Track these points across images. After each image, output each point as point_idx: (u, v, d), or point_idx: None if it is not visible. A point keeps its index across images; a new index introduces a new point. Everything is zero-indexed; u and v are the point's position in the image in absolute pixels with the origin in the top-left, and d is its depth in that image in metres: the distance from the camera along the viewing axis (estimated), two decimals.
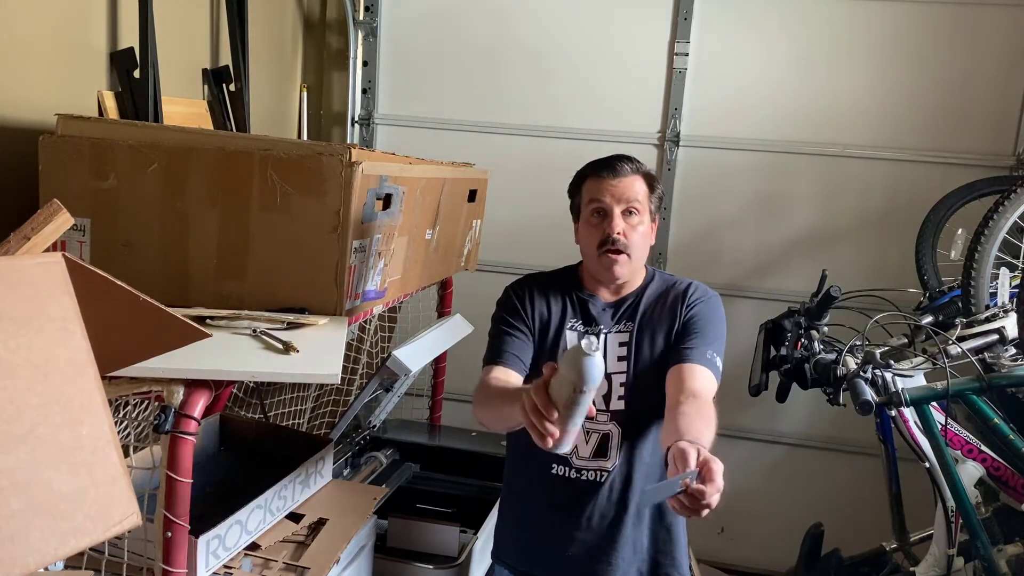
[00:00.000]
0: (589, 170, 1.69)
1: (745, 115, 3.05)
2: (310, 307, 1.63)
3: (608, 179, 1.63)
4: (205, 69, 2.57)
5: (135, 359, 1.12)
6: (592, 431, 1.63)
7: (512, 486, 1.78)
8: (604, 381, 1.56)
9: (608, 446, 1.63)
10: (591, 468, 1.64)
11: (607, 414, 1.63)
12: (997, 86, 2.90)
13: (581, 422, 1.21)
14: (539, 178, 3.13)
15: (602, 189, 1.63)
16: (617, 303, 1.69)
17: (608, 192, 1.63)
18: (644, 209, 1.64)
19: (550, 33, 3.15)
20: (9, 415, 0.80)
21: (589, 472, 1.64)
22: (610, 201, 1.62)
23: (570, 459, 1.64)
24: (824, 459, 3.18)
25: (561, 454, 1.38)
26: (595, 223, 1.64)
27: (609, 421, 1.63)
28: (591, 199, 1.65)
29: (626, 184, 1.63)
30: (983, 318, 2.08)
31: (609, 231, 1.61)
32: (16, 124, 1.83)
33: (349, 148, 1.60)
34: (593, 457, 1.63)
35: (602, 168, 1.66)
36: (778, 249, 3.12)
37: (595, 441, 1.63)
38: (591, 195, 1.65)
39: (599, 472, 1.63)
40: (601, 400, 1.63)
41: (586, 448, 1.64)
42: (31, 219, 0.99)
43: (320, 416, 2.51)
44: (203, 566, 1.42)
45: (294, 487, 1.72)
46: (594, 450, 1.63)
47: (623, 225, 1.62)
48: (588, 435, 1.63)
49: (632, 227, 1.62)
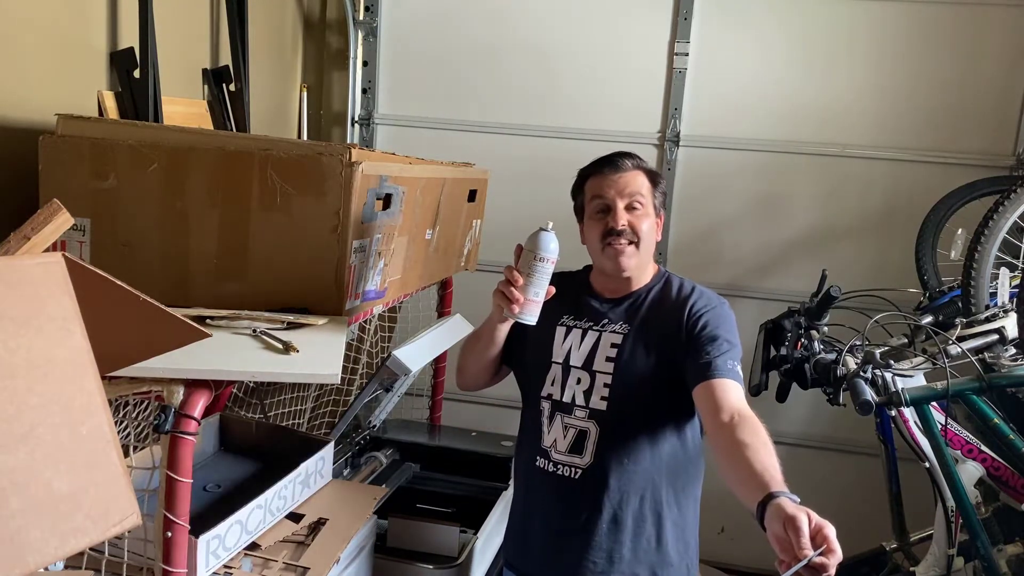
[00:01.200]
0: (591, 168, 1.69)
1: (745, 115, 3.06)
2: (310, 307, 1.63)
3: (610, 174, 1.63)
4: (205, 69, 2.57)
5: (135, 359, 1.12)
6: (570, 426, 1.64)
7: (516, 481, 1.82)
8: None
9: (584, 443, 1.63)
10: (566, 463, 1.64)
11: (586, 411, 1.63)
12: (997, 86, 2.91)
13: (542, 293, 1.53)
14: (539, 178, 3.14)
15: (604, 185, 1.63)
16: (618, 300, 1.68)
17: (611, 187, 1.62)
18: (647, 203, 1.64)
19: (550, 33, 3.15)
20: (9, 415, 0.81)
21: (564, 467, 1.64)
22: (613, 195, 1.62)
23: (549, 452, 1.65)
24: (824, 459, 3.18)
25: (527, 323, 1.54)
26: (599, 219, 1.63)
27: (588, 419, 1.63)
28: (594, 196, 1.65)
29: (628, 179, 1.63)
30: (983, 318, 2.08)
31: (613, 224, 1.61)
32: (16, 124, 1.83)
33: (349, 148, 1.60)
34: (569, 452, 1.64)
35: (603, 164, 1.66)
36: (778, 249, 3.12)
37: (572, 436, 1.64)
38: (594, 192, 1.65)
39: (573, 468, 1.63)
40: (582, 396, 1.63)
41: (563, 442, 1.64)
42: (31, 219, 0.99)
43: (320, 416, 2.51)
44: (203, 566, 1.42)
45: (294, 487, 1.72)
46: (570, 445, 1.64)
47: (628, 217, 1.61)
48: (566, 430, 1.64)
49: (637, 219, 1.62)
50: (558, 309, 1.68)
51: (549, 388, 1.67)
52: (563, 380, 1.65)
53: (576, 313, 1.69)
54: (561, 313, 1.69)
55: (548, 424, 1.67)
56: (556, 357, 1.67)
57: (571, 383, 1.64)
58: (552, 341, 1.68)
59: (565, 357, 1.66)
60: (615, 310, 1.67)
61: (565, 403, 1.65)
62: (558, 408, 1.66)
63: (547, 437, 1.66)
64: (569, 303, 1.70)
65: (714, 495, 1.77)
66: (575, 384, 1.64)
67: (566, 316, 1.69)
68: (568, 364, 1.65)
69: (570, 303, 1.70)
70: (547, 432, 1.67)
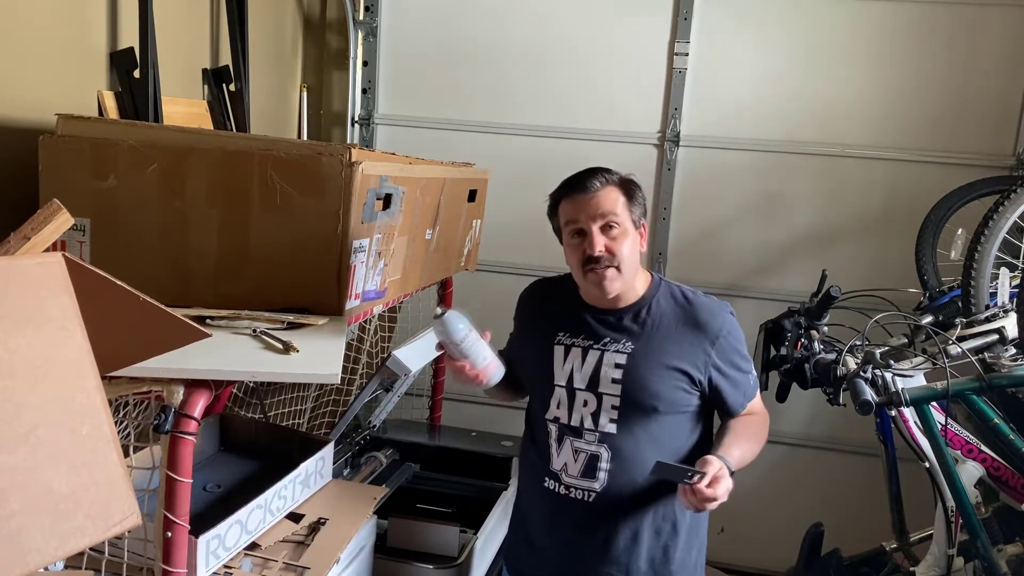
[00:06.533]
0: (561, 192, 1.63)
1: (745, 115, 3.05)
2: (310, 307, 1.63)
3: (580, 197, 1.57)
4: (205, 69, 2.57)
5: (135, 359, 1.12)
6: (580, 451, 1.60)
7: (520, 497, 1.80)
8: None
9: (596, 467, 1.60)
10: (579, 487, 1.61)
11: (595, 434, 1.59)
12: (997, 86, 2.90)
13: (487, 353, 1.57)
14: (539, 178, 3.08)
15: (576, 208, 1.57)
16: (616, 314, 1.62)
17: (582, 211, 1.56)
18: (624, 220, 1.57)
19: (550, 33, 3.15)
20: (9, 415, 0.81)
21: (577, 491, 1.62)
22: (585, 219, 1.56)
23: (560, 475, 1.63)
24: (824, 459, 3.18)
25: (488, 381, 1.60)
26: (576, 244, 1.58)
27: (598, 443, 1.59)
28: (567, 220, 1.59)
29: (599, 199, 1.56)
30: (983, 318, 2.08)
31: (590, 251, 1.55)
32: (16, 124, 1.83)
33: (349, 148, 1.59)
34: (581, 476, 1.61)
35: (572, 188, 1.60)
36: (778, 249, 3.12)
37: (583, 460, 1.60)
38: (567, 217, 1.59)
39: (587, 492, 1.61)
40: (590, 419, 1.60)
41: (575, 466, 1.61)
42: (31, 219, 0.99)
43: (320, 416, 2.51)
44: (203, 566, 1.42)
45: (294, 487, 1.72)
46: (582, 470, 1.61)
47: (604, 240, 1.55)
48: (577, 454, 1.61)
49: (614, 240, 1.55)
50: (551, 325, 1.66)
51: (555, 411, 1.63)
52: (569, 403, 1.61)
53: (572, 330, 1.64)
54: (556, 330, 1.65)
55: (557, 447, 1.63)
56: (559, 380, 1.62)
57: (578, 406, 1.61)
58: (551, 361, 1.64)
59: (568, 379, 1.62)
60: (616, 327, 1.61)
61: (573, 427, 1.61)
62: (566, 432, 1.62)
63: (556, 460, 1.63)
64: (562, 318, 1.66)
65: None
66: (582, 407, 1.60)
67: (561, 334, 1.64)
68: (572, 387, 1.61)
69: (564, 318, 1.66)
70: (556, 455, 1.63)
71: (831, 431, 3.14)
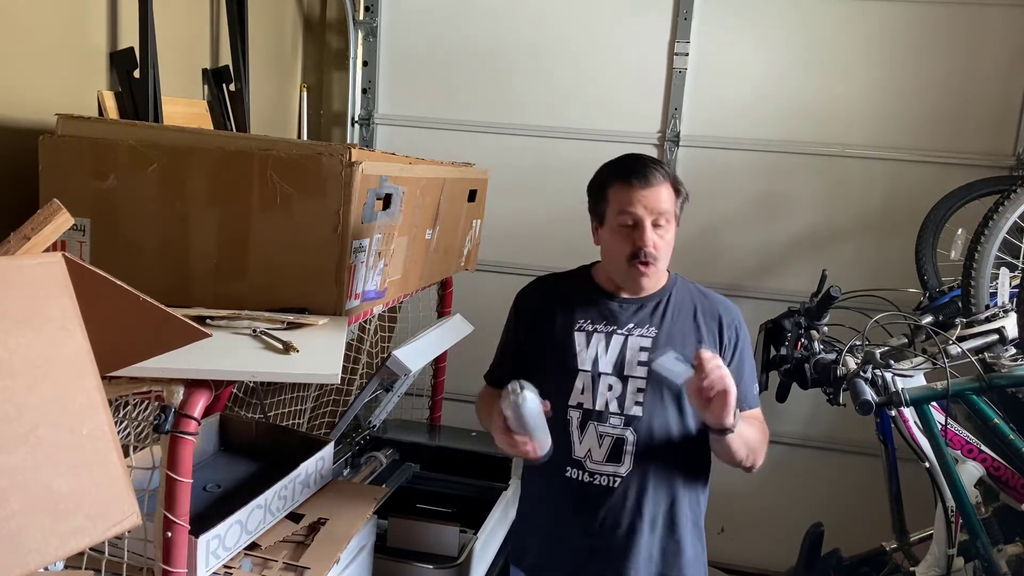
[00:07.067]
0: (617, 175, 1.60)
1: (745, 115, 3.06)
2: (310, 307, 1.63)
3: (639, 188, 1.55)
4: (205, 69, 2.57)
5: (135, 359, 1.12)
6: (605, 435, 1.60)
7: (528, 491, 1.78)
8: None
9: (622, 451, 1.60)
10: (604, 473, 1.61)
11: (621, 418, 1.60)
12: (997, 86, 2.91)
13: (543, 424, 1.46)
14: (539, 178, 3.14)
15: (633, 199, 1.55)
16: (638, 302, 1.65)
17: (639, 203, 1.55)
18: (672, 218, 1.59)
19: (550, 33, 3.15)
20: (9, 415, 0.80)
21: (602, 477, 1.61)
22: (642, 213, 1.55)
23: (583, 462, 1.62)
24: (824, 459, 3.18)
25: (543, 455, 1.50)
26: (625, 233, 1.57)
27: (624, 426, 1.60)
28: (621, 209, 1.57)
29: (657, 194, 1.56)
30: (983, 318, 2.08)
31: (642, 244, 1.55)
32: (16, 124, 1.83)
33: (349, 148, 1.60)
34: (606, 461, 1.61)
35: (632, 174, 1.57)
36: (778, 249, 3.12)
37: (608, 445, 1.60)
38: (621, 205, 1.57)
39: (612, 478, 1.61)
40: (615, 402, 1.60)
41: (599, 452, 1.61)
42: (31, 219, 0.99)
43: (320, 416, 2.51)
44: (203, 566, 1.42)
45: (294, 487, 1.72)
46: (607, 454, 1.60)
47: (655, 238, 1.56)
48: (601, 439, 1.60)
49: (661, 237, 1.57)
50: (569, 314, 1.66)
51: (579, 397, 1.62)
52: (594, 388, 1.61)
53: (593, 317, 1.65)
54: (575, 318, 1.65)
55: (579, 434, 1.62)
56: (583, 365, 1.62)
57: (602, 390, 1.61)
58: (573, 348, 1.63)
59: (593, 364, 1.61)
60: (639, 313, 1.64)
61: (598, 411, 1.61)
62: (590, 417, 1.61)
63: (579, 447, 1.62)
64: (581, 306, 1.66)
65: (714, 495, 1.77)
66: (607, 391, 1.61)
67: (582, 320, 1.65)
68: (597, 371, 1.61)
69: (582, 306, 1.66)
70: (579, 442, 1.62)
71: (831, 431, 3.14)
